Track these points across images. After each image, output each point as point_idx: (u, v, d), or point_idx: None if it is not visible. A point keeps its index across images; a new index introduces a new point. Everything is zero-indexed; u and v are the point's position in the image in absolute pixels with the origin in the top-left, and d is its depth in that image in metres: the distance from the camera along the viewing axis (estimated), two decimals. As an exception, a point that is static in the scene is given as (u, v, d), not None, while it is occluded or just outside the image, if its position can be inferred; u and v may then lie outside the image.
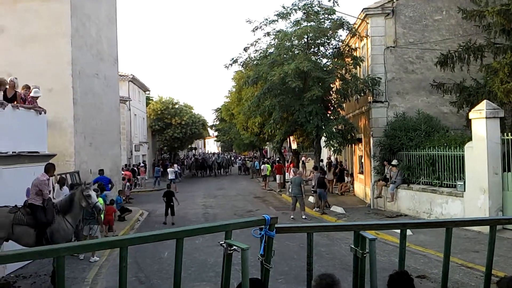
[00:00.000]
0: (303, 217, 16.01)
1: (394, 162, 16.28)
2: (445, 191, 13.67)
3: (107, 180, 15.60)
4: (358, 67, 19.10)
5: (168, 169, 29.74)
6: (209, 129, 61.58)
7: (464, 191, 12.70)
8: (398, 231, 3.52)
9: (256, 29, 19.82)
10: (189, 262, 9.74)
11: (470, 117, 12.70)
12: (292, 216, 16.19)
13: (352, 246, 3.32)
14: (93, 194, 8.82)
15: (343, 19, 18.62)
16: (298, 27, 18.66)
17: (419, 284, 7.74)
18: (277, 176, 27.09)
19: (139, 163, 34.17)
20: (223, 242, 3.08)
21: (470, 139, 12.80)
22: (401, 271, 3.27)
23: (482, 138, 11.96)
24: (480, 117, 12.04)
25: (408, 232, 10.85)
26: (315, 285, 2.81)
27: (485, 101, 12.33)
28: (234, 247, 2.98)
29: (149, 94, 46.09)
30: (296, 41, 19.08)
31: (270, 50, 20.09)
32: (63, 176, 12.33)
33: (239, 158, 59.25)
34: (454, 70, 15.10)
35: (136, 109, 37.99)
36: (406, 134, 16.17)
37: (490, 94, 13.49)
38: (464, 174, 12.83)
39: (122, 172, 23.36)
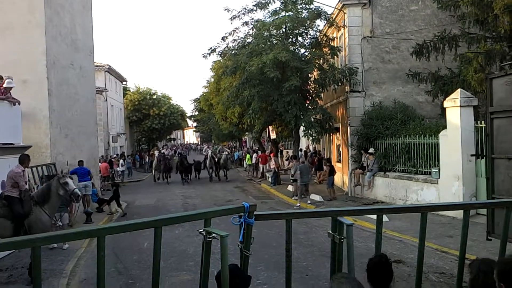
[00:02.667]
0: (308, 202, 16.47)
1: (371, 150, 16.54)
2: (421, 178, 13.98)
3: (86, 171, 15.43)
4: (335, 57, 19.23)
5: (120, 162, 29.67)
6: (188, 119, 61.20)
7: (439, 178, 13.01)
8: (375, 217, 3.59)
9: (234, 18, 19.72)
10: (169, 252, 9.73)
11: (444, 106, 12.96)
12: (298, 205, 16.54)
13: (330, 232, 3.38)
14: (70, 181, 8.69)
15: (321, 9, 18.71)
16: (276, 17, 18.66)
17: (395, 268, 7.86)
18: (261, 166, 27.18)
19: (117, 154, 33.76)
20: (202, 230, 3.09)
21: (444, 127, 13.07)
22: (380, 254, 3.35)
23: (456, 126, 12.23)
24: (455, 106, 12.30)
25: (385, 218, 11.14)
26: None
27: (459, 90, 12.59)
28: (214, 234, 3.00)
29: (126, 84, 45.43)
30: (274, 31, 19.07)
31: (249, 40, 20.03)
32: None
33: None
34: (429, 60, 15.35)
35: (113, 99, 37.43)
36: (383, 123, 16.42)
37: (464, 83, 13.78)
38: (439, 161, 13.13)
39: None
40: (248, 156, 31.44)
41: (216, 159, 28.57)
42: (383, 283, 3.17)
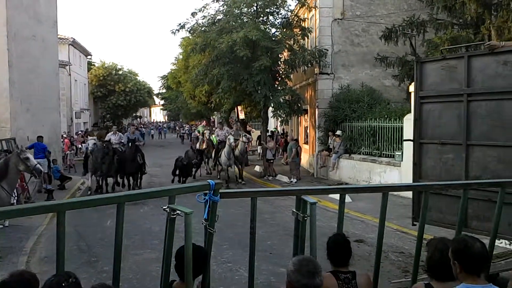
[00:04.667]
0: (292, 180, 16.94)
1: (338, 132, 16.77)
2: (384, 161, 14.32)
3: (43, 148, 14.93)
4: (306, 38, 19.21)
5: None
6: (155, 97, 60.17)
7: (402, 161, 13.35)
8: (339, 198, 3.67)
9: (205, -6, 19.33)
10: (134, 230, 9.64)
11: (410, 91, 13.21)
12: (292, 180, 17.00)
13: (294, 210, 3.41)
14: (31, 156, 8.41)
15: (293, -11, 18.55)
16: (248, -6, 18.38)
17: (357, 248, 8.15)
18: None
19: (81, 131, 32.90)
20: (166, 207, 3.05)
21: (409, 111, 13.35)
22: (338, 233, 3.44)
23: (420, 111, 12.51)
24: (419, 91, 12.55)
25: (348, 199, 11.37)
26: (293, 270, 2.45)
27: (424, 75, 12.84)
28: (178, 211, 2.96)
29: (91, 59, 44.08)
30: (245, 9, 18.81)
31: (219, 17, 19.65)
32: None
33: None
34: (397, 44, 15.57)
35: (76, 74, 36.25)
36: (350, 106, 16.66)
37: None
38: (402, 144, 13.46)
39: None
40: (213, 137, 31.25)
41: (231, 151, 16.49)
42: (341, 261, 3.28)
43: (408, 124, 13.16)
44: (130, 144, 15.48)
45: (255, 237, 3.46)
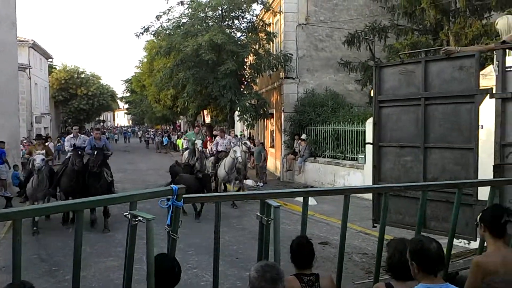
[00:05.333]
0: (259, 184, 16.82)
1: (303, 136, 16.95)
2: (348, 164, 14.58)
3: (1, 152, 14.40)
4: (271, 42, 19.36)
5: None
6: (118, 101, 59.08)
7: (365, 163, 13.63)
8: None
9: (169, -3, 19.18)
10: (96, 238, 9.41)
11: (372, 95, 13.49)
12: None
13: (258, 214, 3.42)
14: None
15: (258, -7, 18.67)
16: (213, -2, 18.38)
17: (321, 250, 8.25)
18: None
19: (39, 135, 31.84)
20: (127, 213, 2.99)
21: (371, 115, 13.63)
22: (301, 236, 3.48)
23: (382, 115, 12.82)
24: (381, 95, 12.86)
25: (313, 202, 11.50)
26: (256, 277, 2.44)
27: (386, 80, 13.16)
28: (139, 218, 2.91)
29: (52, 62, 42.77)
30: (211, 13, 18.78)
31: (184, 20, 19.55)
32: None
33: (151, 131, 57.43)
34: (360, 50, 15.92)
35: (37, 77, 35.10)
36: (315, 110, 16.88)
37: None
38: (365, 148, 13.75)
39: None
40: (179, 141, 31.04)
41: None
42: (305, 263, 3.30)
43: (370, 127, 13.42)
44: (95, 154, 10.38)
45: (220, 241, 3.45)
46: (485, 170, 4.65)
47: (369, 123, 13.54)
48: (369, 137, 13.44)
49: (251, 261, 7.78)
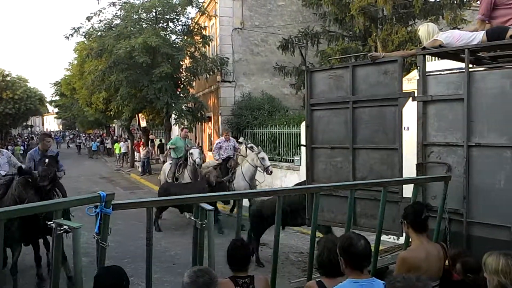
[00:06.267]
0: None
1: (241, 139, 17.03)
2: (284, 166, 14.86)
3: None
4: (207, 46, 19.30)
5: None
6: (48, 104, 56.16)
7: (300, 165, 13.94)
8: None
9: (101, -2, 18.55)
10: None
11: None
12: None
13: (192, 218, 3.39)
14: None
15: (192, -4, 18.54)
16: (146, 0, 18.01)
17: (260, 251, 8.33)
18: (136, 154, 26.20)
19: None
20: (52, 222, 2.85)
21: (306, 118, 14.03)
22: (237, 239, 3.49)
23: (316, 117, 13.21)
24: (315, 98, 13.25)
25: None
26: (188, 283, 2.47)
27: (319, 84, 13.58)
28: (65, 227, 2.78)
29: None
30: (144, 15, 18.39)
31: (116, 22, 18.98)
32: None
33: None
34: (294, 55, 16.31)
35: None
36: (252, 113, 17.07)
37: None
38: (301, 150, 14.08)
39: None
40: (117, 145, 30.07)
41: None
42: (240, 266, 3.31)
43: (304, 130, 13.83)
44: (47, 163, 6.87)
45: (153, 248, 3.38)
46: (411, 169, 4.93)
47: (304, 126, 13.91)
48: (303, 140, 13.83)
49: (189, 266, 7.71)
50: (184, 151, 12.20)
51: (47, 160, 6.97)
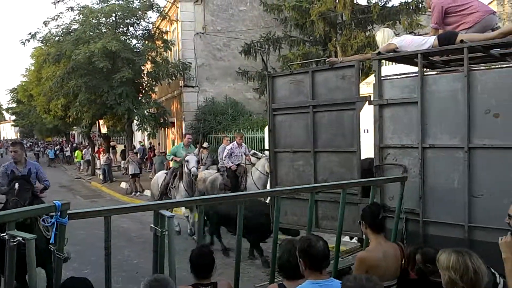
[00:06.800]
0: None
1: (205, 145, 16.95)
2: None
3: None
4: (169, 50, 19.15)
5: None
6: (4, 112, 54.10)
7: (265, 169, 14.02)
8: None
9: (58, 2, 18.09)
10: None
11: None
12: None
13: (152, 225, 3.34)
14: None
15: (153, 1, 18.33)
16: (106, 4, 17.69)
17: (224, 257, 8.30)
18: (98, 162, 25.55)
19: None
20: (4, 234, 2.74)
21: (269, 122, 14.12)
22: (201, 245, 3.47)
23: (279, 121, 13.33)
24: (277, 103, 13.36)
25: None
26: None
27: (280, 88, 13.72)
28: (19, 238, 2.69)
29: None
30: (104, 19, 18.06)
31: (75, 26, 18.56)
32: None
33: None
34: (256, 59, 16.43)
35: None
36: (215, 118, 17.04)
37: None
38: (265, 154, 14.14)
39: None
40: (78, 152, 29.30)
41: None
42: (203, 273, 3.28)
43: (267, 134, 13.92)
44: (17, 188, 5.62)
45: (111, 257, 3.31)
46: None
47: (267, 130, 13.98)
48: (267, 144, 13.90)
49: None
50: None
51: (16, 186, 5.59)
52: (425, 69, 5.02)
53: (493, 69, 4.54)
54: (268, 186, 11.13)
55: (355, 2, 15.20)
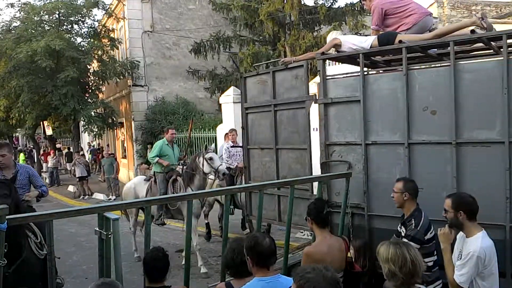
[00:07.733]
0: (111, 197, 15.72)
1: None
2: (201, 170, 14.83)
3: None
4: (116, 49, 18.65)
5: None
6: None
7: (217, 168, 14.00)
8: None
9: (-4, -2, 17.20)
10: None
11: (220, 102, 13.98)
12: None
13: (97, 229, 3.27)
14: None
15: (98, -2, 17.80)
16: (48, 1, 16.99)
17: (177, 258, 8.23)
18: (44, 165, 24.43)
19: None
20: None
21: (221, 121, 14.12)
22: (156, 248, 3.41)
23: (231, 121, 13.34)
24: (229, 102, 13.38)
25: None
26: None
27: (232, 87, 13.76)
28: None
29: None
30: (46, 16, 17.32)
31: (15, 24, 17.73)
32: None
33: None
34: (206, 58, 16.35)
35: None
36: (166, 118, 16.79)
37: (237, 81, 15.19)
38: (217, 152, 14.12)
39: None
40: (22, 155, 27.95)
41: None
42: (157, 276, 3.26)
43: (220, 133, 13.90)
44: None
45: (54, 263, 3.21)
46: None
47: (219, 129, 13.97)
48: (220, 142, 13.88)
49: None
50: (177, 161, 9.07)
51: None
52: (367, 69, 5.21)
53: (430, 68, 4.76)
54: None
55: (302, 3, 15.47)
